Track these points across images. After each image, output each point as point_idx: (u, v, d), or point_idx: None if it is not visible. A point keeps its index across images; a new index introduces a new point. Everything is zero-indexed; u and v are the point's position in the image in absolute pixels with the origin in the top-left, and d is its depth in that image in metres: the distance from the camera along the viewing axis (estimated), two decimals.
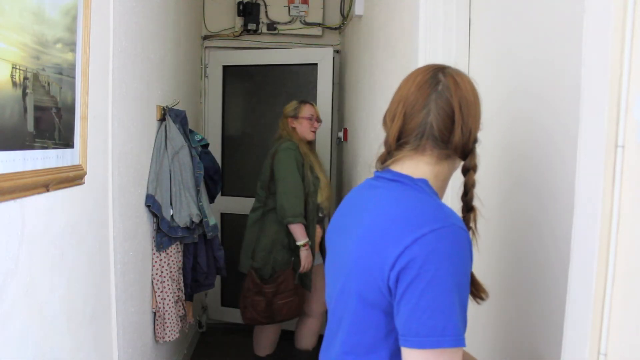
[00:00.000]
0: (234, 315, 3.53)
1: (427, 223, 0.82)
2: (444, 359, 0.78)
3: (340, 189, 3.62)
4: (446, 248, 0.80)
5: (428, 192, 0.92)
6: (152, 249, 2.19)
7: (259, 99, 3.68)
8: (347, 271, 0.92)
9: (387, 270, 0.83)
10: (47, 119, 1.20)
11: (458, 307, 0.79)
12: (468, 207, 0.98)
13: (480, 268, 1.42)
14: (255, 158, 3.49)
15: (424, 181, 0.93)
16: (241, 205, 3.51)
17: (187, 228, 2.25)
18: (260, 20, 3.55)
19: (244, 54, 3.56)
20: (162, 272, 2.20)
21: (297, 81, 3.56)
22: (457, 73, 0.97)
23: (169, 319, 2.23)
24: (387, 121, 1.00)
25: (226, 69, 3.63)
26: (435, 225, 0.82)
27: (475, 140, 0.96)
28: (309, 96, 3.41)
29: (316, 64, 3.45)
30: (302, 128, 2.77)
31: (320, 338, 2.69)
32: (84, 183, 1.43)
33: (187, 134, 2.41)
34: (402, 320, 0.81)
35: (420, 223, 0.83)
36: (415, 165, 0.95)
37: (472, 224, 0.98)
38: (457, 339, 0.78)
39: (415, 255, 0.80)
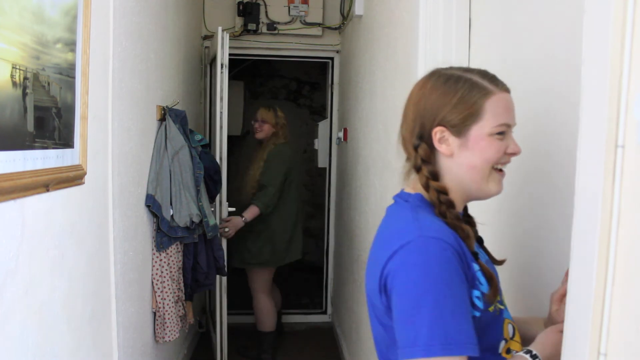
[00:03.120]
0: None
1: (398, 240, 0.85)
2: None
3: (340, 189, 3.62)
4: (415, 260, 0.82)
5: (412, 207, 0.91)
6: (152, 249, 2.19)
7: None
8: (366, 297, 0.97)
9: (377, 293, 0.87)
10: (47, 119, 1.20)
11: (436, 316, 0.78)
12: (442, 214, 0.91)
13: None
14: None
15: (414, 196, 0.94)
16: None
17: (187, 228, 2.25)
18: (260, 20, 3.55)
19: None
20: (162, 272, 2.20)
21: None
22: (423, 77, 0.97)
23: (169, 319, 2.23)
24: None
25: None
26: (404, 240, 0.84)
27: (419, 136, 0.93)
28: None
29: None
30: None
31: None
32: (84, 183, 1.43)
33: (187, 134, 2.41)
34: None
35: (394, 241, 0.86)
36: (415, 179, 0.95)
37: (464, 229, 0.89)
38: (428, 349, 0.77)
39: (389, 272, 0.84)
